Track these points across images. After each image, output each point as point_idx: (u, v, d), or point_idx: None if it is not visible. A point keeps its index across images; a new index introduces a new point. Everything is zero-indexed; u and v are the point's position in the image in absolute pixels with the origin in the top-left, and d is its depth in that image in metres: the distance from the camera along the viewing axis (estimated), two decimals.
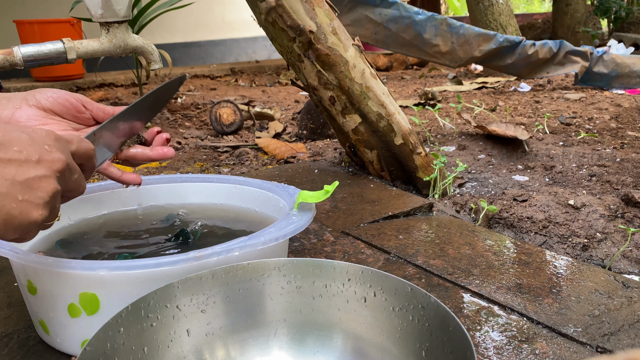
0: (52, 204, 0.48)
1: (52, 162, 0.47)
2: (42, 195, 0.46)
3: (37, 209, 0.46)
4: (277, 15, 1.10)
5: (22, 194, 0.45)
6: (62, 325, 0.60)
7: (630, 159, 1.43)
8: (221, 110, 1.97)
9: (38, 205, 0.46)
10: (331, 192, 0.69)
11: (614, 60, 2.63)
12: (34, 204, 0.46)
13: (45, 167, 0.46)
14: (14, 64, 1.34)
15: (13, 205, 0.44)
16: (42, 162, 0.46)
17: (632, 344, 0.63)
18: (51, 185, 0.47)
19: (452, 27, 2.60)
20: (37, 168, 0.46)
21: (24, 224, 0.45)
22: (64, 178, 0.49)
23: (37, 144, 0.47)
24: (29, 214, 0.45)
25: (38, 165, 0.46)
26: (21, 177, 0.45)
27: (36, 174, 0.46)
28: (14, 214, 0.44)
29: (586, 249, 0.98)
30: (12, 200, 0.44)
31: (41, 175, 0.46)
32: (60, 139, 0.49)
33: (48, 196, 0.47)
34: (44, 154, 0.47)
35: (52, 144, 0.48)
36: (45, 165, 0.47)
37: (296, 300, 0.59)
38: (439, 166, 1.18)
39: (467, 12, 3.54)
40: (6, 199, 0.44)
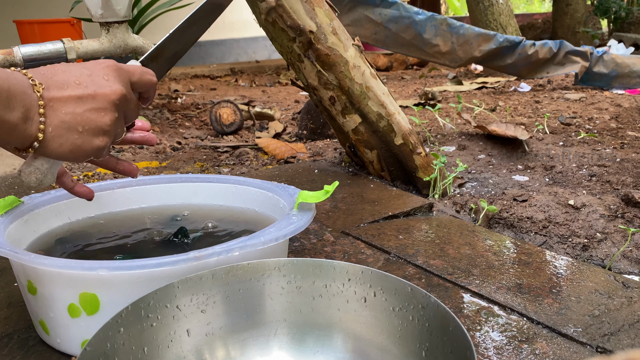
0: (113, 130, 0.53)
1: (108, 94, 0.52)
2: (100, 125, 0.52)
3: (97, 137, 0.52)
4: (277, 15, 1.10)
5: (82, 126, 0.51)
6: (62, 326, 0.60)
7: (631, 159, 1.43)
8: (221, 110, 1.97)
9: (98, 133, 0.52)
10: (331, 192, 0.69)
11: (614, 60, 2.63)
12: (94, 133, 0.52)
13: (101, 99, 0.51)
14: (14, 64, 1.34)
15: (75, 137, 0.51)
16: (98, 94, 0.51)
17: (632, 344, 0.63)
18: (108, 115, 0.52)
19: (452, 27, 2.60)
20: (94, 101, 0.51)
21: (89, 151, 0.52)
22: (122, 107, 0.54)
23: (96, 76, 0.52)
24: (92, 142, 0.52)
25: (95, 98, 0.51)
26: (80, 110, 0.50)
27: (93, 106, 0.51)
28: (78, 143, 0.51)
29: (586, 249, 0.98)
30: (74, 132, 0.51)
31: (97, 107, 0.51)
32: (120, 69, 0.54)
33: (106, 125, 0.52)
34: (101, 86, 0.52)
35: (111, 75, 0.53)
36: (102, 97, 0.51)
37: (296, 300, 0.59)
38: (439, 166, 1.18)
39: (467, 12, 3.54)
40: (69, 132, 0.50)
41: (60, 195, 0.79)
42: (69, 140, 0.51)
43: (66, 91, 0.50)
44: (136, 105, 0.58)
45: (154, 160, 1.64)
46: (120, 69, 0.54)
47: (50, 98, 0.50)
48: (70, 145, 0.51)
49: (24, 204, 0.73)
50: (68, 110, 0.50)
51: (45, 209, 0.76)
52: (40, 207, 0.75)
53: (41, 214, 0.75)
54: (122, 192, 0.85)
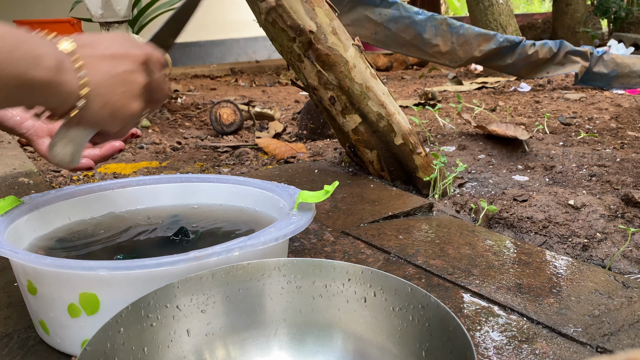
0: (145, 96, 0.52)
1: (136, 55, 0.51)
2: (136, 87, 0.50)
3: (134, 100, 0.50)
4: (277, 15, 1.10)
5: (120, 86, 0.49)
6: (62, 326, 0.60)
7: (630, 159, 1.43)
8: (221, 110, 1.97)
9: (135, 96, 0.50)
10: (331, 192, 0.69)
11: (614, 60, 2.63)
12: (131, 95, 0.50)
13: (132, 60, 0.50)
14: None
15: (117, 97, 0.49)
16: (128, 55, 0.50)
17: (632, 344, 0.64)
18: (141, 77, 0.51)
19: (452, 27, 2.60)
20: (126, 62, 0.50)
21: (126, 115, 0.50)
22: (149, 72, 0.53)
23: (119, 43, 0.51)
24: (129, 105, 0.50)
25: (125, 58, 0.50)
26: (115, 70, 0.49)
27: (126, 68, 0.49)
28: (118, 105, 0.49)
29: (586, 249, 0.98)
30: (114, 93, 0.49)
31: (131, 69, 0.50)
32: (134, 41, 0.54)
33: (140, 88, 0.51)
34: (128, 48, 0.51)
35: (131, 42, 0.52)
36: (132, 59, 0.50)
37: (296, 300, 0.59)
38: (439, 166, 1.18)
39: (467, 12, 3.54)
40: (109, 92, 0.48)
41: (60, 195, 0.79)
42: (112, 100, 0.48)
43: (98, 49, 0.49)
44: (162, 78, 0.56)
45: (154, 160, 1.64)
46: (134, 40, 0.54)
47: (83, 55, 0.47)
48: (112, 106, 0.49)
49: (24, 204, 0.73)
50: (105, 69, 0.48)
51: (45, 209, 0.76)
52: (40, 207, 0.75)
53: (41, 214, 0.75)
54: (122, 192, 0.85)
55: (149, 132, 2.04)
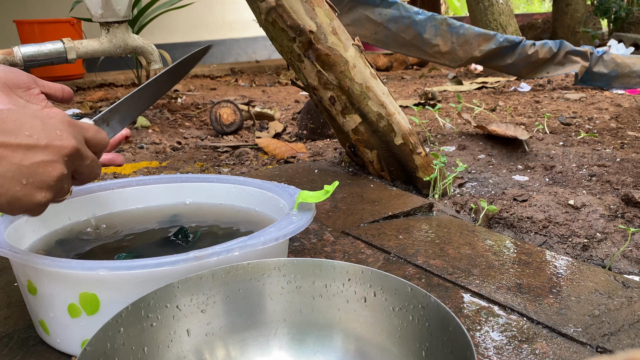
0: (58, 186, 0.50)
1: (60, 147, 0.49)
2: (46, 179, 0.48)
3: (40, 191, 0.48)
4: (277, 15, 1.10)
5: (27, 178, 0.47)
6: (62, 326, 0.60)
7: (631, 159, 1.43)
8: (221, 110, 1.97)
9: (42, 188, 0.48)
10: (331, 192, 0.69)
11: (614, 60, 2.63)
12: (38, 187, 0.48)
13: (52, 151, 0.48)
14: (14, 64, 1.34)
15: (17, 189, 0.46)
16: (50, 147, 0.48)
17: (632, 344, 0.63)
18: (57, 169, 0.48)
19: (452, 27, 2.60)
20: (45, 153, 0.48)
21: (28, 205, 0.48)
22: (72, 163, 0.51)
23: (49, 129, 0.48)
24: (33, 196, 0.48)
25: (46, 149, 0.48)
26: (27, 161, 0.47)
27: (42, 159, 0.47)
28: (18, 196, 0.47)
29: (586, 249, 0.98)
30: (17, 184, 0.46)
31: (48, 160, 0.48)
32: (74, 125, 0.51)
33: (52, 180, 0.48)
34: (54, 138, 0.48)
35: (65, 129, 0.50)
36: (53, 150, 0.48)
37: (296, 300, 0.59)
38: (439, 166, 1.18)
39: (467, 12, 3.54)
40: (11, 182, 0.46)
41: None
42: (10, 191, 0.46)
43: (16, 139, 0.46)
44: (93, 162, 0.54)
45: (154, 160, 1.64)
46: (74, 124, 0.52)
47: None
48: (10, 196, 0.46)
49: None
50: (15, 160, 0.46)
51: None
52: None
53: (41, 214, 0.75)
54: (122, 192, 0.85)
55: (149, 132, 2.04)
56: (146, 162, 1.62)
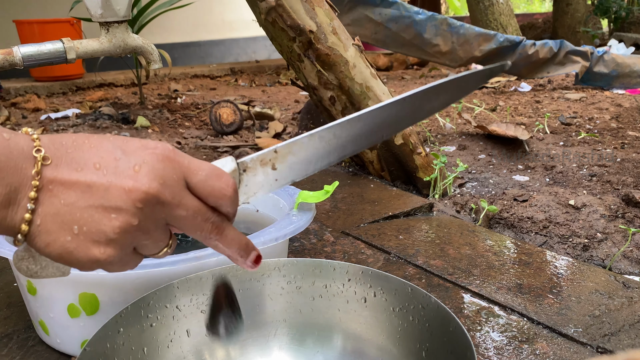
0: (123, 241, 0.37)
1: (128, 190, 0.36)
2: (104, 230, 0.36)
3: (97, 246, 0.36)
4: (277, 15, 1.10)
5: (80, 225, 0.36)
6: (61, 326, 0.60)
7: (631, 159, 1.43)
8: (221, 110, 1.97)
9: (98, 241, 0.36)
10: (331, 192, 0.69)
11: (614, 60, 2.63)
12: (92, 239, 0.36)
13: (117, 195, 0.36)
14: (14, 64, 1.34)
15: (68, 238, 0.36)
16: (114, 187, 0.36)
17: (632, 344, 0.63)
18: (120, 219, 0.36)
19: (453, 26, 2.60)
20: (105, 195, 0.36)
21: (84, 261, 0.37)
22: (152, 211, 0.37)
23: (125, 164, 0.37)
24: (88, 251, 0.36)
25: (107, 191, 0.36)
26: (83, 204, 0.36)
27: (102, 202, 0.36)
28: (70, 248, 0.36)
29: (586, 249, 0.97)
30: (67, 232, 0.36)
31: (107, 205, 0.36)
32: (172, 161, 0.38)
33: (113, 232, 0.36)
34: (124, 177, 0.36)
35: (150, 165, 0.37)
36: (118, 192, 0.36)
37: (296, 301, 0.59)
38: (439, 166, 1.18)
39: (468, 12, 3.54)
40: (61, 230, 0.36)
41: None
42: (59, 240, 0.36)
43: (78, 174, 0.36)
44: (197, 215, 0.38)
45: None
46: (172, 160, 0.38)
47: (52, 179, 0.36)
48: (59, 247, 0.36)
49: None
50: (68, 200, 0.36)
51: None
52: None
53: None
54: None
55: (148, 132, 2.04)
56: None
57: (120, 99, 2.88)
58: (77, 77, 3.39)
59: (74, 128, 2.06)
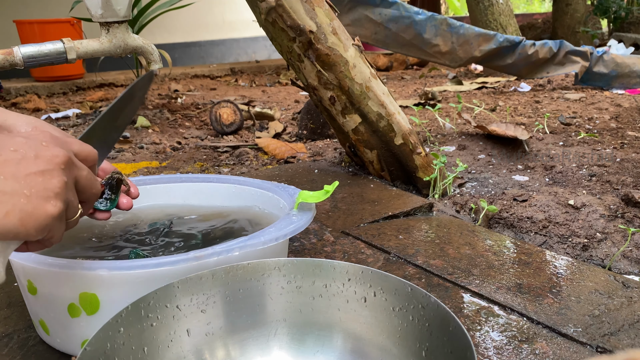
0: (65, 196, 0.45)
1: (52, 156, 0.45)
2: (49, 187, 0.44)
3: (48, 200, 0.43)
4: (277, 15, 1.10)
5: (28, 188, 0.42)
6: (62, 325, 0.60)
7: (631, 158, 1.43)
8: (221, 110, 1.97)
9: (49, 197, 0.43)
10: (331, 192, 0.69)
11: (614, 60, 2.63)
12: (44, 196, 0.43)
13: (45, 161, 0.44)
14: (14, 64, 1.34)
15: (22, 201, 0.42)
16: (41, 157, 0.44)
17: (632, 344, 0.63)
18: (56, 177, 0.44)
19: (452, 27, 2.60)
20: (37, 163, 0.44)
21: (41, 220, 0.43)
22: (70, 172, 0.46)
23: (33, 143, 0.45)
24: (43, 207, 0.43)
25: (37, 160, 0.44)
26: (22, 172, 0.43)
27: (37, 169, 0.43)
28: (28, 209, 0.42)
29: (586, 249, 0.98)
30: (20, 196, 0.42)
31: (43, 169, 0.44)
32: (58, 138, 0.48)
33: (57, 187, 0.44)
34: (42, 150, 0.45)
35: (50, 141, 0.46)
36: (45, 159, 0.44)
37: (296, 300, 0.59)
38: (439, 166, 1.18)
39: (467, 12, 3.54)
40: (13, 196, 0.42)
41: None
42: (17, 206, 0.41)
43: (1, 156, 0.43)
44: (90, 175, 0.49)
45: (154, 160, 1.64)
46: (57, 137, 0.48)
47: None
48: (18, 211, 0.42)
49: None
50: (8, 173, 0.42)
51: None
52: None
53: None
54: None
55: (149, 132, 2.04)
56: (146, 162, 1.62)
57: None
58: (77, 77, 3.39)
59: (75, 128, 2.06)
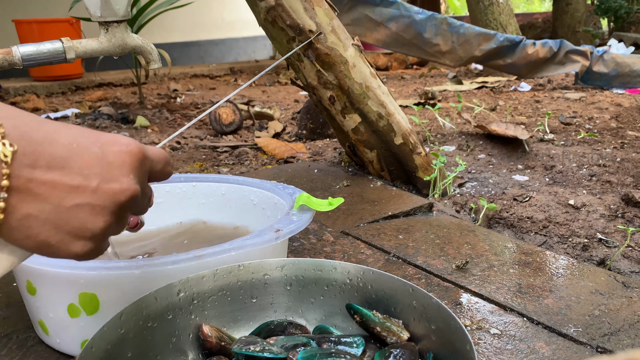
0: (103, 238, 0.39)
1: (115, 193, 0.38)
2: (89, 228, 0.38)
3: (79, 241, 0.38)
4: (277, 15, 1.10)
5: (64, 223, 0.37)
6: (61, 326, 0.60)
7: (631, 158, 1.43)
8: (220, 110, 1.97)
9: (83, 237, 0.38)
10: (335, 206, 0.68)
11: (614, 59, 2.63)
12: (76, 235, 0.38)
13: (103, 197, 0.38)
14: (13, 64, 1.34)
15: (50, 234, 0.37)
16: (101, 191, 0.37)
17: (632, 344, 0.63)
18: (104, 219, 0.38)
19: (453, 26, 2.60)
20: (93, 197, 0.37)
21: (61, 255, 0.38)
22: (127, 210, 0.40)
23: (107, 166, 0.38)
24: (68, 246, 0.38)
25: (95, 194, 0.37)
26: (68, 203, 0.37)
27: (88, 202, 0.37)
28: (51, 242, 0.37)
29: (586, 249, 0.97)
30: (50, 228, 0.37)
31: (95, 204, 0.37)
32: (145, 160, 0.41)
33: (98, 230, 0.38)
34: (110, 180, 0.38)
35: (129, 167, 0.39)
36: (105, 195, 0.38)
37: (297, 301, 0.59)
38: (439, 166, 1.18)
39: (467, 11, 3.54)
40: (43, 226, 0.36)
41: None
42: (40, 235, 0.37)
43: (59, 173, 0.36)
44: (148, 201, 0.44)
45: None
46: (145, 158, 0.41)
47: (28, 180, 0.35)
48: (40, 241, 0.37)
49: None
50: (53, 200, 0.36)
51: None
52: None
53: None
54: None
55: (148, 132, 2.04)
56: None
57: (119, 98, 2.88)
58: (76, 77, 3.39)
59: None
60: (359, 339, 0.53)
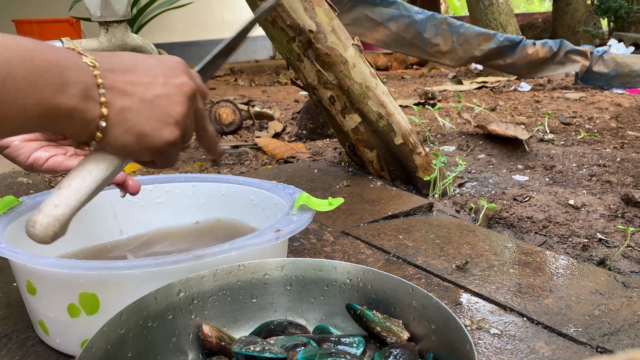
0: (184, 124, 0.46)
1: (180, 84, 0.46)
2: (172, 113, 0.45)
3: (168, 127, 0.45)
4: (277, 15, 1.10)
5: (152, 110, 0.44)
6: (61, 326, 0.60)
7: (631, 158, 1.43)
8: (220, 110, 1.97)
9: (169, 123, 0.45)
10: (335, 206, 0.68)
11: (614, 59, 2.63)
12: (164, 121, 0.45)
13: (173, 87, 0.46)
14: None
15: (143, 122, 0.44)
16: (169, 84, 0.45)
17: (632, 344, 0.63)
18: (180, 105, 0.46)
19: (453, 26, 2.60)
20: (165, 88, 0.45)
21: (157, 143, 0.45)
22: (192, 103, 0.47)
23: (165, 68, 0.46)
24: (161, 132, 0.45)
25: (165, 85, 0.45)
26: (149, 95, 0.44)
27: (164, 92, 0.45)
28: (146, 131, 0.44)
29: (586, 249, 0.97)
30: (142, 117, 0.44)
31: (169, 93, 0.45)
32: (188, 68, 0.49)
33: (179, 115, 0.45)
34: (172, 76, 0.46)
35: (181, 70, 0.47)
36: (173, 86, 0.46)
37: (297, 300, 0.59)
38: (439, 166, 1.18)
39: (467, 11, 3.54)
40: (136, 116, 0.43)
41: None
42: (137, 125, 0.43)
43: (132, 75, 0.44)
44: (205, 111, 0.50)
45: None
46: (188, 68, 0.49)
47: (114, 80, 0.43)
48: (137, 131, 0.43)
49: (22, 204, 0.73)
50: (137, 94, 0.44)
51: None
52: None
53: None
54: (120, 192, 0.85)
55: None
56: None
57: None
58: None
59: None
60: (359, 338, 0.53)
